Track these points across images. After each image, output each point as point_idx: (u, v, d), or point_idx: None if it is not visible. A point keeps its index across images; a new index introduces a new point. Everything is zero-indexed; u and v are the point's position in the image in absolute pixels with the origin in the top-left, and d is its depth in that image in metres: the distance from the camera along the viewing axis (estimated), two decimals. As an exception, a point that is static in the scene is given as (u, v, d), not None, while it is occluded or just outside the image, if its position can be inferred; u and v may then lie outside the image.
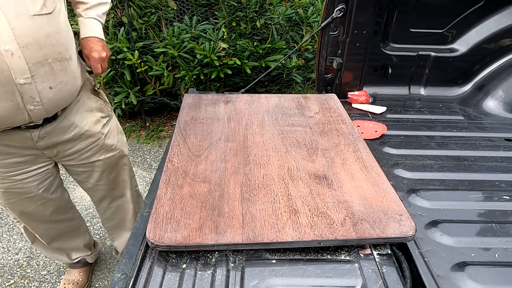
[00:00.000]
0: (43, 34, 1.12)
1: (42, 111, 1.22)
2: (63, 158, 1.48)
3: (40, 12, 1.11)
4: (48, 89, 1.20)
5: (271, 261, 0.93)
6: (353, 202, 1.04)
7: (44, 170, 1.45)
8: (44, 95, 1.19)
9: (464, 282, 0.95)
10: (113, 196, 1.77)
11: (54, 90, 1.22)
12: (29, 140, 1.31)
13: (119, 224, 1.91)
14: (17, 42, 1.06)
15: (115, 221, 1.88)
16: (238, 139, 1.35)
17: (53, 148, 1.40)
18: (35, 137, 1.31)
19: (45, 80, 1.18)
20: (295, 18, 3.29)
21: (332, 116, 1.56)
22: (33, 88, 1.15)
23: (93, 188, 1.68)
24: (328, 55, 1.98)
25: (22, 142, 1.30)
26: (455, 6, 1.91)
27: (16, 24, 1.05)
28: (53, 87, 1.21)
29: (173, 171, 1.15)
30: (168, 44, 2.96)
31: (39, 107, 1.20)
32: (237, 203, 1.03)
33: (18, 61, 1.08)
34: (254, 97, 1.71)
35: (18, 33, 1.06)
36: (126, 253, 0.95)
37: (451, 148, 1.59)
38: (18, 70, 1.09)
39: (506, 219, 1.18)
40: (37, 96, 1.18)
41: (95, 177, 1.61)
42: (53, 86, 1.21)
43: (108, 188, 1.70)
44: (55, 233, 1.72)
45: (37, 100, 1.18)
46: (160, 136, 3.48)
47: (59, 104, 1.29)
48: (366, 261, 0.94)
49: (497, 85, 2.02)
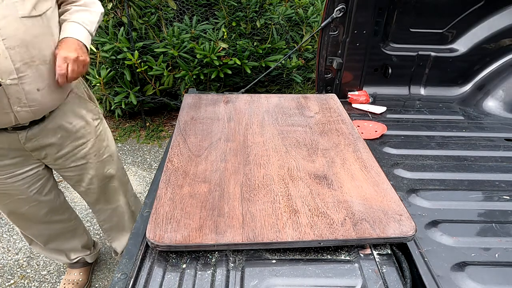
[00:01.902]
0: (31, 36, 1.12)
1: (29, 113, 1.21)
2: (52, 161, 1.46)
3: (29, 14, 1.11)
4: (35, 91, 1.19)
5: (271, 261, 0.93)
6: (353, 202, 1.04)
7: (34, 172, 1.44)
8: (31, 96, 1.18)
9: (464, 282, 0.95)
10: (107, 200, 1.75)
11: (41, 92, 1.21)
12: (17, 141, 1.29)
13: (116, 226, 1.89)
14: (4, 43, 1.06)
15: (111, 223, 1.87)
16: (238, 139, 1.35)
17: (41, 150, 1.38)
18: (22, 139, 1.29)
19: (33, 82, 1.17)
20: (295, 18, 3.29)
21: (332, 116, 1.56)
22: (20, 90, 1.14)
23: (85, 192, 1.66)
24: (328, 55, 1.98)
25: (9, 143, 1.29)
26: (455, 6, 1.91)
27: (3, 25, 1.05)
28: (41, 89, 1.20)
29: (173, 171, 1.15)
30: (168, 44, 2.96)
31: (26, 108, 1.19)
32: (237, 203, 1.03)
33: (4, 62, 1.07)
34: (254, 97, 1.71)
35: (5, 33, 1.06)
36: (126, 253, 0.95)
37: (451, 148, 1.59)
38: (4, 70, 1.08)
39: (506, 219, 1.18)
40: (24, 97, 1.16)
41: (86, 181, 1.60)
42: (41, 88, 1.20)
43: (100, 191, 1.68)
44: (50, 234, 1.70)
45: (24, 101, 1.17)
46: (160, 136, 3.47)
47: (47, 106, 1.27)
48: (366, 261, 0.94)
49: (497, 85, 2.02)
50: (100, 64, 3.12)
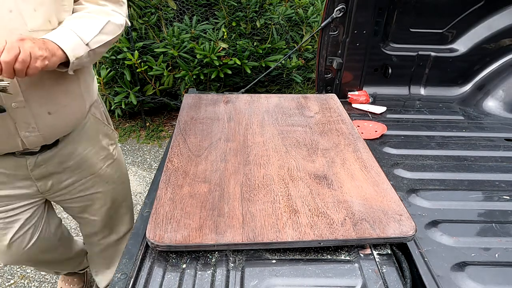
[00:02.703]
0: None
1: (39, 137, 1.08)
2: (57, 193, 1.30)
3: (40, 28, 0.95)
4: (46, 114, 1.06)
5: (271, 261, 0.93)
6: (353, 202, 1.04)
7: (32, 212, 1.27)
8: (41, 120, 1.05)
9: (464, 282, 0.95)
10: (106, 233, 1.58)
11: (53, 115, 1.07)
12: (23, 167, 1.15)
13: (105, 263, 1.72)
14: None
15: (101, 259, 1.70)
16: (238, 139, 1.35)
17: (48, 179, 1.23)
18: (30, 165, 1.15)
19: (43, 105, 1.03)
20: (295, 18, 3.29)
21: (332, 116, 1.56)
22: (27, 113, 1.01)
23: (85, 222, 1.49)
24: (328, 55, 1.98)
25: (15, 169, 1.15)
26: (455, 6, 1.91)
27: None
28: (53, 112, 1.07)
29: (173, 171, 1.15)
30: (168, 44, 2.96)
31: (36, 133, 1.06)
32: (237, 203, 1.03)
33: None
34: (254, 97, 1.71)
35: None
36: (126, 253, 0.95)
37: (451, 148, 1.59)
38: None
39: (506, 219, 1.18)
40: (33, 121, 1.03)
41: (90, 211, 1.44)
42: (53, 111, 1.06)
43: (102, 224, 1.52)
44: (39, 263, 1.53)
45: (32, 126, 1.04)
46: (160, 136, 3.47)
47: (59, 131, 1.14)
48: (366, 261, 0.94)
49: (497, 85, 2.02)
50: (100, 64, 3.13)
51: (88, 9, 1.08)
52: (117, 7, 1.16)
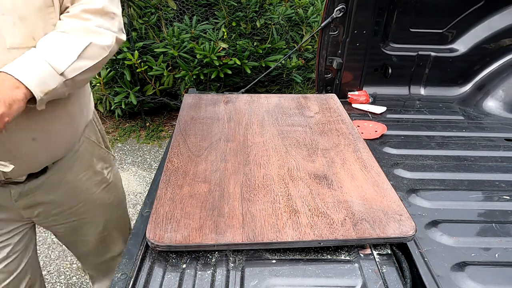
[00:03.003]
0: None
1: (22, 166, 0.96)
2: (44, 220, 1.17)
3: (20, 45, 0.83)
4: (30, 141, 0.93)
5: (271, 261, 0.93)
6: (353, 202, 1.04)
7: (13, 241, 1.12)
8: (25, 148, 0.93)
9: (464, 282, 0.95)
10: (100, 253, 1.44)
11: (39, 141, 0.94)
12: (6, 198, 1.02)
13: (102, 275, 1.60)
14: None
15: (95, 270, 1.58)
16: (238, 139, 1.35)
17: (35, 208, 1.10)
18: (14, 195, 1.02)
19: (25, 130, 0.90)
20: (295, 18, 3.29)
21: (332, 116, 1.56)
22: (6, 140, 0.88)
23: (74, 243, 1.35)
24: (328, 55, 1.98)
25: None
26: (455, 6, 1.91)
27: None
28: (38, 138, 0.94)
29: (173, 171, 1.15)
30: (168, 44, 2.96)
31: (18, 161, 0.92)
32: (237, 203, 1.03)
33: None
34: (254, 97, 1.71)
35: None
36: (126, 253, 0.95)
37: (451, 148, 1.59)
38: None
39: (506, 219, 1.18)
40: (16, 149, 0.91)
41: (81, 234, 1.31)
42: (38, 137, 0.94)
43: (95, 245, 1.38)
44: None
45: (14, 154, 0.91)
46: (160, 136, 3.47)
47: (47, 159, 1.02)
48: (366, 261, 0.93)
49: (497, 85, 2.02)
50: (100, 64, 3.12)
51: (66, 26, 0.88)
52: (106, 21, 0.94)
